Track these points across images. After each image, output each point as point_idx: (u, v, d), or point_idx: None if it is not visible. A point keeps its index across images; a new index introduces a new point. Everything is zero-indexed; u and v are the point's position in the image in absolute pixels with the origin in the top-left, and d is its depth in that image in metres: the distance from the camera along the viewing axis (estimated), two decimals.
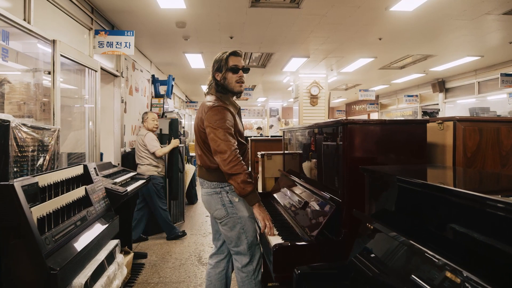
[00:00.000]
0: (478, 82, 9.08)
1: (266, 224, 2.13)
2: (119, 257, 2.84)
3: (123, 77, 5.59)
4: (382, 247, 1.25)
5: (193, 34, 5.67)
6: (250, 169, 2.19)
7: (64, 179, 2.42)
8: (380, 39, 6.03)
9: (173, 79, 8.13)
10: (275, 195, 3.07)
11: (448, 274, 0.95)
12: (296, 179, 2.56)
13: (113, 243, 2.79)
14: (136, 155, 4.82)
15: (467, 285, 0.85)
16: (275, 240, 2.05)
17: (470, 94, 9.51)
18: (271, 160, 3.62)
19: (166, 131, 6.81)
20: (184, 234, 5.10)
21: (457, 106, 10.44)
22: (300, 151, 2.59)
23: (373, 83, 11.80)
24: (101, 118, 4.55)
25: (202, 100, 17.04)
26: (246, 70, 2.33)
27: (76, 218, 2.32)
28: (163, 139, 6.51)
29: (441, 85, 10.31)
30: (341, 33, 5.70)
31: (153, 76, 7.78)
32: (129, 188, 3.46)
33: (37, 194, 2.00)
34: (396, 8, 4.47)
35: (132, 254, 3.62)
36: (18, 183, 1.83)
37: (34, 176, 2.07)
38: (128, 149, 5.96)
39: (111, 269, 2.57)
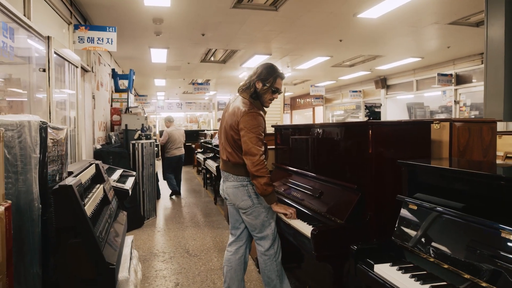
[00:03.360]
0: (416, 80, 10.14)
1: (291, 212, 2.43)
2: (134, 252, 2.94)
3: (93, 72, 5.44)
4: (425, 220, 1.62)
5: (166, 31, 5.68)
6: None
7: (89, 178, 2.48)
8: (340, 40, 6.55)
9: (134, 73, 7.98)
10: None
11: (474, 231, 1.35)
12: (306, 172, 2.86)
13: (129, 239, 2.88)
14: (180, 142, 7.26)
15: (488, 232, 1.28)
16: (301, 225, 2.33)
17: (409, 90, 10.58)
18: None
19: (131, 126, 6.73)
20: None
21: (397, 101, 11.53)
22: (311, 146, 2.88)
23: (321, 79, 12.52)
24: (76, 115, 4.46)
25: (151, 93, 16.65)
26: (280, 93, 2.58)
27: (107, 216, 2.39)
28: (129, 134, 6.45)
29: (383, 82, 11.31)
30: (308, 35, 6.10)
31: (113, 70, 7.57)
32: (129, 184, 3.52)
33: (83, 194, 2.07)
34: (363, 15, 4.95)
35: None
36: (74, 183, 1.89)
37: (75, 176, 2.12)
38: (98, 146, 5.81)
39: (133, 263, 2.68)
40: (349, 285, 2.30)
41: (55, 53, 3.36)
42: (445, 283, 1.43)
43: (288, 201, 2.76)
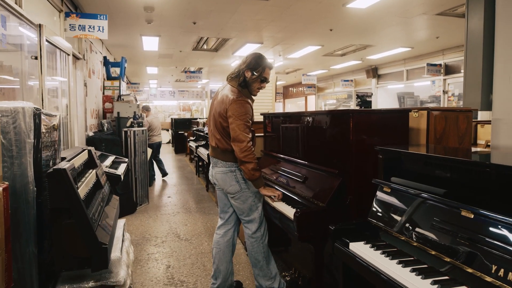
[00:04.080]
0: (407, 70, 10.26)
1: (278, 194, 2.56)
2: (127, 234, 3.04)
3: (84, 59, 5.46)
4: (398, 202, 1.74)
5: (157, 18, 5.70)
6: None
7: (81, 163, 2.56)
8: (331, 30, 6.61)
9: (126, 61, 7.98)
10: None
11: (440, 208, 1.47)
12: (292, 158, 2.97)
13: (121, 222, 2.98)
14: (159, 130, 7.80)
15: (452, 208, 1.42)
16: (285, 208, 2.45)
17: (399, 80, 10.71)
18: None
19: (123, 114, 6.77)
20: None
21: (388, 91, 11.66)
22: (298, 133, 2.99)
23: (313, 68, 12.58)
24: (68, 102, 4.51)
25: (143, 81, 16.58)
26: (268, 82, 2.67)
27: (99, 199, 2.49)
28: (121, 122, 6.50)
29: (374, 71, 11.42)
30: (299, 24, 6.15)
31: (105, 57, 7.57)
32: (121, 170, 3.60)
33: (76, 178, 2.16)
34: (352, 5, 5.02)
35: None
36: (67, 167, 1.98)
37: (68, 161, 2.21)
38: (90, 133, 5.87)
39: (125, 245, 2.79)
40: (330, 263, 2.44)
41: (47, 40, 3.40)
42: (412, 258, 1.56)
43: (275, 186, 2.87)
